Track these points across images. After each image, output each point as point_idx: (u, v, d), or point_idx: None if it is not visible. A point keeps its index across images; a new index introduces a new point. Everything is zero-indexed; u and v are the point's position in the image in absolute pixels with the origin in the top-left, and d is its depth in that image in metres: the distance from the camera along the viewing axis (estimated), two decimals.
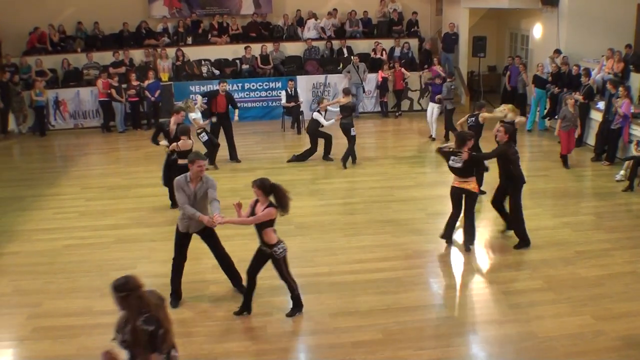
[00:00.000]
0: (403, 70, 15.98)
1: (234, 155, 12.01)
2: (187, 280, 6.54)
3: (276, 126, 15.05)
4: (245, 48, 16.26)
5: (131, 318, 3.62)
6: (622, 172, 10.39)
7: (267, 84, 16.02)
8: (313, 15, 17.57)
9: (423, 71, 16.47)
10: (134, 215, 9.18)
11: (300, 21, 17.60)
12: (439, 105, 13.21)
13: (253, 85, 15.98)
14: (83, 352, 5.71)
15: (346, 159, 11.52)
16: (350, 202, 9.66)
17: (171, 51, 16.13)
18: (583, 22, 14.05)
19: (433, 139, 13.32)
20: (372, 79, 16.12)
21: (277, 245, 5.94)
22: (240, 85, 15.74)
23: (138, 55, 16.31)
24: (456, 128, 11.98)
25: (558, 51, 14.28)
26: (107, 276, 7.15)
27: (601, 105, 12.12)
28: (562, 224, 8.52)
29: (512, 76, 15.14)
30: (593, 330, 5.85)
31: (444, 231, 7.84)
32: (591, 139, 12.32)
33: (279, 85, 15.79)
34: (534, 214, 8.71)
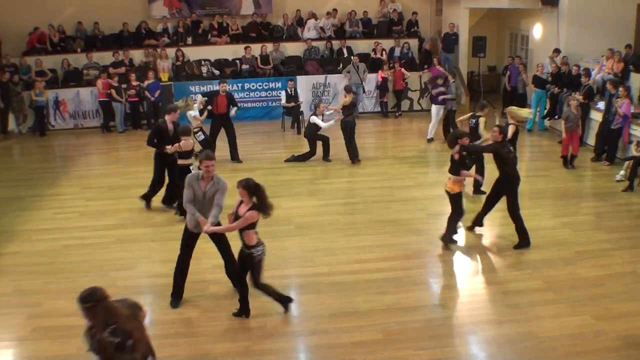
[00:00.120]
0: (403, 70, 15.98)
1: (235, 156, 12.00)
2: (188, 280, 6.54)
3: (276, 126, 15.06)
4: (245, 48, 16.26)
5: (98, 329, 3.58)
6: (622, 172, 10.39)
7: (267, 84, 16.02)
8: (313, 16, 17.58)
9: (423, 71, 16.49)
10: (134, 216, 9.17)
11: (300, 21, 17.60)
12: (443, 106, 12.99)
13: (253, 86, 15.98)
14: (83, 352, 5.61)
15: (356, 153, 11.75)
16: (350, 202, 9.66)
17: (171, 51, 16.13)
18: (583, 22, 14.05)
19: (432, 140, 13.26)
20: (372, 79, 16.11)
21: (256, 247, 5.86)
22: (240, 85, 15.74)
23: (138, 56, 16.31)
24: (457, 126, 12.03)
25: (557, 50, 14.29)
26: (107, 276, 7.18)
27: (601, 105, 12.12)
28: (562, 224, 8.52)
29: (512, 76, 15.14)
30: (593, 330, 5.85)
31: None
32: (591, 139, 12.32)
33: (279, 85, 15.80)
34: (534, 214, 8.72)
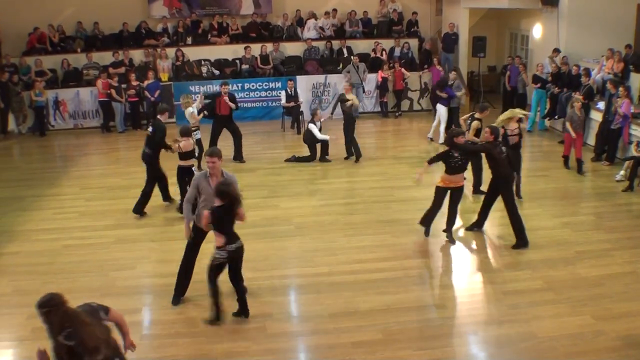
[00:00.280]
0: (403, 70, 15.98)
1: (238, 156, 11.99)
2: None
3: (276, 126, 15.06)
4: (245, 48, 16.26)
5: (55, 333, 3.74)
6: (622, 172, 10.39)
7: (267, 84, 16.02)
8: (313, 15, 17.58)
9: (423, 71, 16.49)
10: (133, 216, 9.16)
11: (300, 21, 17.60)
12: (447, 106, 12.91)
13: (253, 85, 15.98)
14: None
15: (358, 151, 11.88)
16: (350, 202, 9.66)
17: (171, 51, 16.13)
18: (583, 22, 14.05)
19: (433, 140, 13.27)
20: (372, 79, 16.11)
21: (219, 249, 5.87)
22: (240, 85, 15.73)
23: (138, 56, 16.31)
24: (459, 124, 12.00)
25: (557, 50, 14.29)
26: (107, 276, 7.19)
27: (601, 105, 12.12)
28: (562, 224, 8.52)
29: (512, 76, 15.14)
30: (593, 331, 5.85)
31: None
32: (591, 139, 12.31)
33: (279, 85, 15.80)
34: (534, 214, 8.73)
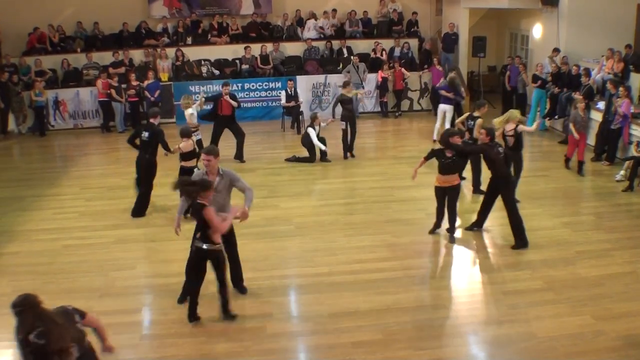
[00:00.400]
0: (403, 70, 15.98)
1: (239, 155, 11.99)
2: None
3: (276, 126, 15.06)
4: (245, 48, 16.26)
5: (26, 332, 3.88)
6: (622, 172, 10.39)
7: (267, 84, 16.02)
8: (313, 15, 17.58)
9: (423, 71, 16.49)
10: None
11: (300, 21, 17.60)
12: (451, 106, 12.84)
13: (253, 85, 15.98)
14: None
15: (351, 147, 12.01)
16: (350, 202, 9.66)
17: (171, 51, 16.13)
18: (583, 22, 14.04)
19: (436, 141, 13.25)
20: (372, 79, 16.11)
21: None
22: (240, 85, 15.73)
23: (138, 56, 16.31)
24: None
25: (557, 50, 14.28)
26: (107, 276, 7.19)
27: (601, 105, 12.11)
28: (562, 224, 8.52)
29: (512, 76, 15.13)
30: (593, 331, 5.85)
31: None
32: (591, 139, 12.30)
33: (279, 85, 15.80)
34: (534, 214, 8.72)
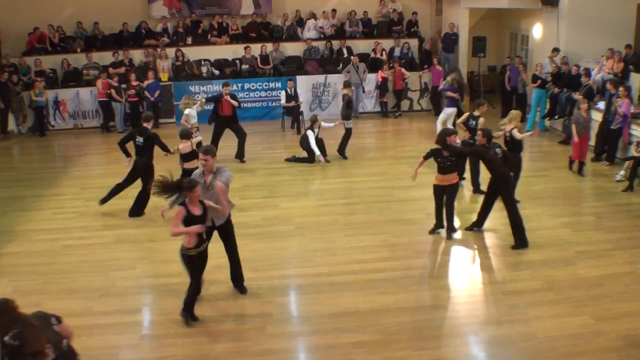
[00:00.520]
0: (403, 70, 15.98)
1: (239, 155, 12.00)
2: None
3: (276, 126, 15.06)
4: (245, 48, 16.26)
5: (1, 334, 3.99)
6: (622, 172, 10.38)
7: (267, 84, 16.03)
8: (313, 15, 17.59)
9: (423, 71, 16.49)
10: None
11: (300, 21, 17.60)
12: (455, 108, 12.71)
13: (253, 86, 15.98)
14: (83, 352, 5.64)
15: (344, 150, 12.06)
16: (350, 202, 9.65)
17: (171, 51, 16.13)
18: (583, 22, 14.04)
19: None
20: (372, 79, 16.11)
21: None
22: (240, 85, 15.73)
23: (138, 56, 16.31)
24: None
25: (556, 50, 14.29)
26: (107, 276, 7.18)
27: (601, 105, 12.11)
28: (562, 224, 8.52)
29: (512, 76, 15.13)
30: (593, 331, 5.85)
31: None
32: (591, 139, 12.29)
33: (279, 85, 15.80)
34: (534, 214, 8.72)
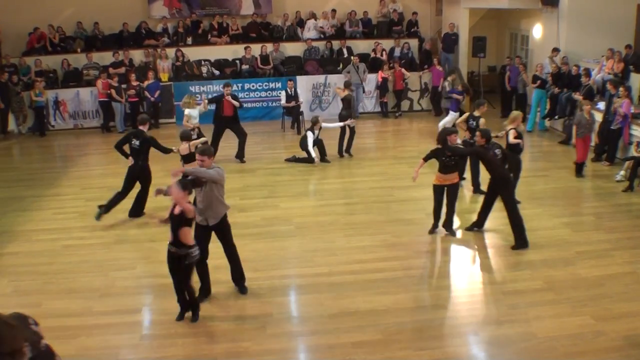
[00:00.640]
0: (403, 70, 15.98)
1: (239, 155, 12.01)
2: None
3: (276, 126, 15.06)
4: (245, 48, 16.26)
5: None
6: (622, 173, 10.38)
7: (267, 84, 16.03)
8: (313, 16, 17.59)
9: (423, 71, 16.50)
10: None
11: (301, 22, 17.60)
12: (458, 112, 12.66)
13: (253, 86, 15.98)
14: (83, 353, 5.71)
15: (349, 148, 12.15)
16: (350, 202, 9.65)
17: (171, 51, 16.14)
18: (583, 22, 14.04)
19: None
20: (372, 79, 16.11)
21: (193, 247, 5.82)
22: (240, 85, 15.72)
23: (138, 56, 16.32)
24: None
25: (556, 49, 14.29)
26: (107, 276, 7.18)
27: (601, 105, 12.11)
28: (562, 224, 8.52)
29: (512, 76, 15.12)
30: (593, 331, 5.84)
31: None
32: (591, 140, 12.29)
33: (279, 85, 15.80)
34: (534, 214, 8.72)
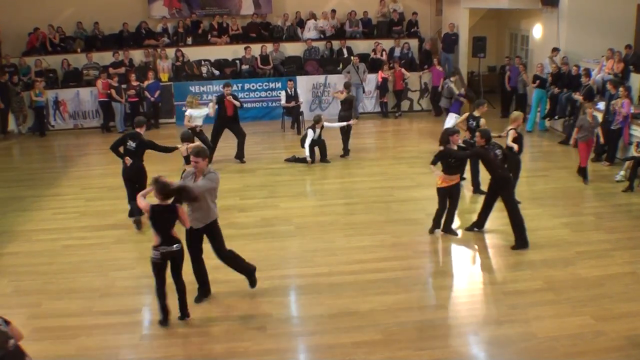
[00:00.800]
0: (403, 70, 15.99)
1: (239, 155, 12.02)
2: (187, 281, 6.52)
3: (276, 126, 15.07)
4: (245, 48, 16.26)
5: None
6: (622, 173, 10.39)
7: (267, 84, 16.03)
8: (313, 16, 17.59)
9: (423, 71, 16.50)
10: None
11: (301, 22, 17.60)
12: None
13: (253, 86, 15.99)
14: (83, 353, 5.71)
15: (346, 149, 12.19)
16: (350, 202, 9.65)
17: (171, 51, 16.14)
18: (583, 22, 14.05)
19: None
20: (372, 80, 16.12)
21: (154, 249, 5.90)
22: (240, 85, 15.72)
23: (138, 56, 16.32)
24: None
25: (556, 49, 14.29)
26: (107, 276, 7.19)
27: (601, 105, 12.11)
28: (562, 225, 8.52)
29: (513, 76, 15.12)
30: (593, 331, 5.85)
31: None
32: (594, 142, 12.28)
33: (279, 85, 15.80)
34: (534, 214, 8.72)
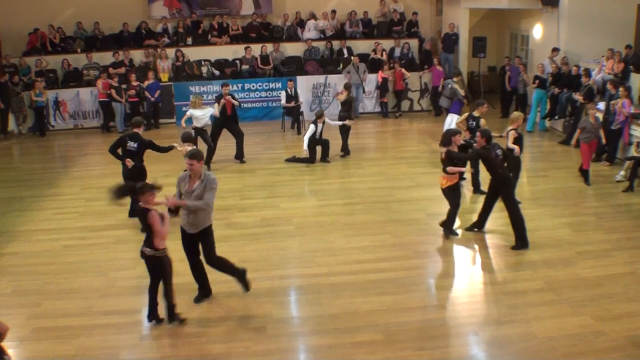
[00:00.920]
0: (403, 70, 15.98)
1: (239, 155, 12.03)
2: (186, 281, 6.54)
3: (276, 126, 15.07)
4: (245, 48, 16.27)
5: None
6: (622, 173, 10.39)
7: (267, 84, 16.03)
8: (313, 16, 17.60)
9: (423, 72, 16.50)
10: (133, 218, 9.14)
11: (301, 22, 17.60)
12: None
13: (253, 86, 15.99)
14: (83, 353, 5.71)
15: (346, 149, 12.22)
16: (350, 203, 9.65)
17: (171, 51, 16.15)
18: (583, 22, 14.05)
19: None
20: (372, 80, 16.11)
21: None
22: (240, 85, 15.74)
23: (138, 56, 16.32)
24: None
25: (556, 49, 14.29)
26: (107, 276, 7.19)
27: (601, 105, 12.10)
28: (562, 225, 8.52)
29: (513, 77, 15.12)
30: (593, 331, 5.85)
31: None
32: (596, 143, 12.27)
33: (279, 85, 15.80)
34: (534, 214, 8.72)
